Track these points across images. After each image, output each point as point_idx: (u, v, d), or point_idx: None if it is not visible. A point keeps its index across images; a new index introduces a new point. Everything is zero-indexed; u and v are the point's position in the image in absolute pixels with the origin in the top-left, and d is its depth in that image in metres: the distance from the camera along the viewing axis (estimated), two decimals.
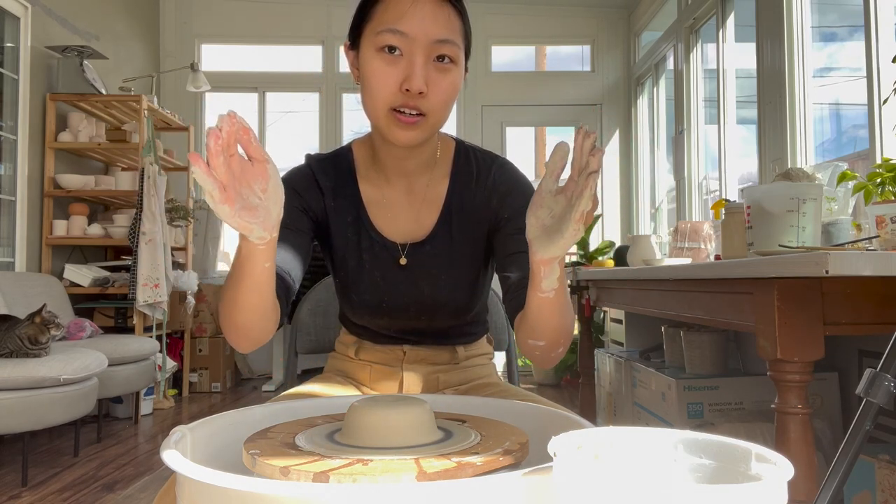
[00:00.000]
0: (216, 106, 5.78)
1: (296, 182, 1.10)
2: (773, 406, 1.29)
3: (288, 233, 1.04)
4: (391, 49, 0.93)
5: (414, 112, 0.95)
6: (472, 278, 1.12)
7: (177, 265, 4.55)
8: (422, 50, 0.93)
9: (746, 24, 3.72)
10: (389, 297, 1.10)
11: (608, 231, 5.61)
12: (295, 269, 1.03)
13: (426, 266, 1.09)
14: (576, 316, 0.98)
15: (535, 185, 1.10)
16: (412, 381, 1.16)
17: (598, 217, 4.67)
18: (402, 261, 1.09)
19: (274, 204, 0.72)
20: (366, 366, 1.19)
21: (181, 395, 4.58)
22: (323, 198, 1.10)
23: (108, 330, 4.06)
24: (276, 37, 5.62)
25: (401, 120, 0.95)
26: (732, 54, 3.95)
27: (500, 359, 1.55)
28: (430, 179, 1.10)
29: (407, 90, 0.93)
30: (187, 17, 5.51)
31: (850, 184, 1.73)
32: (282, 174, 1.13)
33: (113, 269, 4.19)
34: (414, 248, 1.09)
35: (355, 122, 5.66)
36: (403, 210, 1.10)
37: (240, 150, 0.67)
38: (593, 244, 4.59)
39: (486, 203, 1.09)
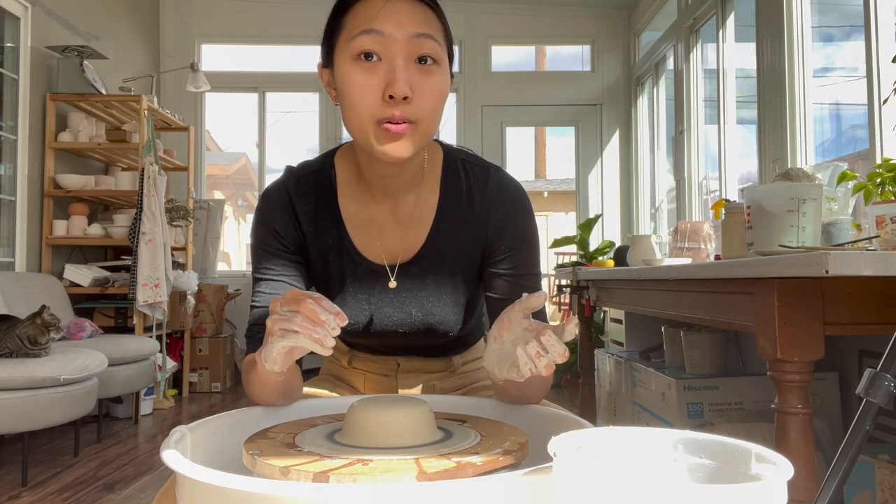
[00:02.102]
0: (216, 106, 5.78)
1: (273, 215, 1.02)
2: (773, 406, 1.29)
3: (286, 286, 1.01)
4: (368, 56, 0.87)
5: (401, 121, 0.87)
6: (465, 298, 1.06)
7: (177, 265, 4.55)
8: (401, 50, 0.86)
9: (746, 24, 3.72)
10: (377, 319, 1.05)
11: (608, 231, 5.61)
12: None
13: (414, 288, 1.04)
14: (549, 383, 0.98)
15: (529, 188, 1.09)
16: (407, 390, 1.15)
17: (598, 217, 4.67)
18: (392, 284, 1.03)
19: None
20: (360, 373, 1.18)
21: (181, 395, 4.58)
22: (300, 225, 1.03)
23: (108, 330, 4.06)
24: (276, 37, 5.62)
25: (389, 130, 0.87)
26: (732, 54, 3.95)
27: None
28: (417, 195, 1.02)
29: (391, 97, 0.85)
30: (187, 17, 5.51)
31: (850, 184, 1.73)
32: (266, 185, 1.09)
33: (113, 269, 4.19)
34: (401, 269, 1.03)
35: None
36: (388, 229, 1.03)
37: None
38: (593, 244, 4.59)
39: (481, 224, 1.02)
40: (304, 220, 1.03)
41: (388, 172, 0.97)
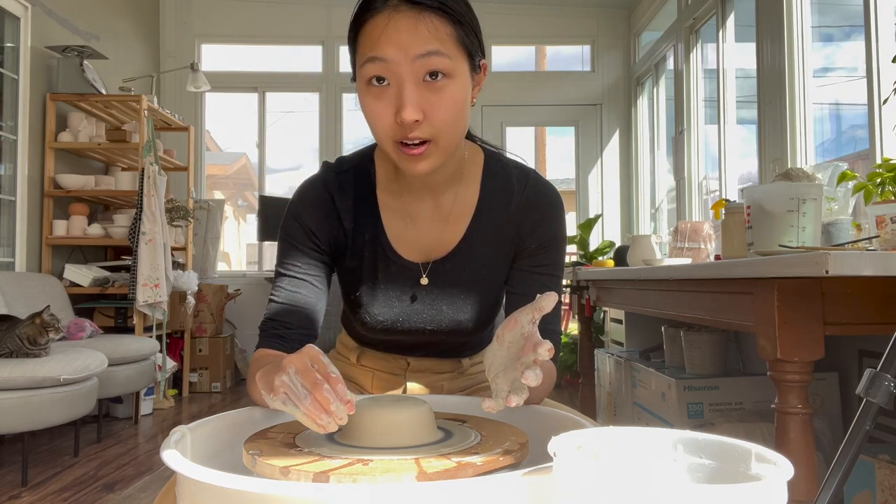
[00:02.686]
0: (216, 106, 5.78)
1: (308, 213, 1.02)
2: (773, 406, 1.29)
3: (306, 285, 1.01)
4: (379, 80, 0.87)
5: (417, 141, 0.87)
6: (495, 297, 1.07)
7: (177, 265, 4.55)
8: (407, 72, 0.85)
9: (746, 24, 3.72)
10: (407, 317, 1.05)
11: (608, 231, 5.61)
12: (317, 319, 1.02)
13: (447, 285, 1.04)
14: (554, 374, 0.95)
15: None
16: (415, 389, 1.15)
17: (598, 217, 4.67)
18: (423, 280, 1.03)
19: None
20: (368, 371, 1.18)
21: (181, 395, 4.58)
22: (341, 223, 1.03)
23: (108, 330, 4.06)
24: (276, 37, 5.62)
25: (406, 153, 0.88)
26: (732, 54, 3.95)
27: None
28: (456, 193, 1.03)
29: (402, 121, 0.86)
30: (187, 17, 5.51)
31: (850, 184, 1.73)
32: (298, 184, 1.08)
33: (113, 269, 4.19)
34: (435, 266, 1.04)
35: (356, 122, 5.66)
36: (426, 226, 1.04)
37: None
38: (593, 244, 4.59)
39: (517, 223, 1.03)
40: (345, 217, 1.03)
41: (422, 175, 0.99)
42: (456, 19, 0.88)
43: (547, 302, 0.73)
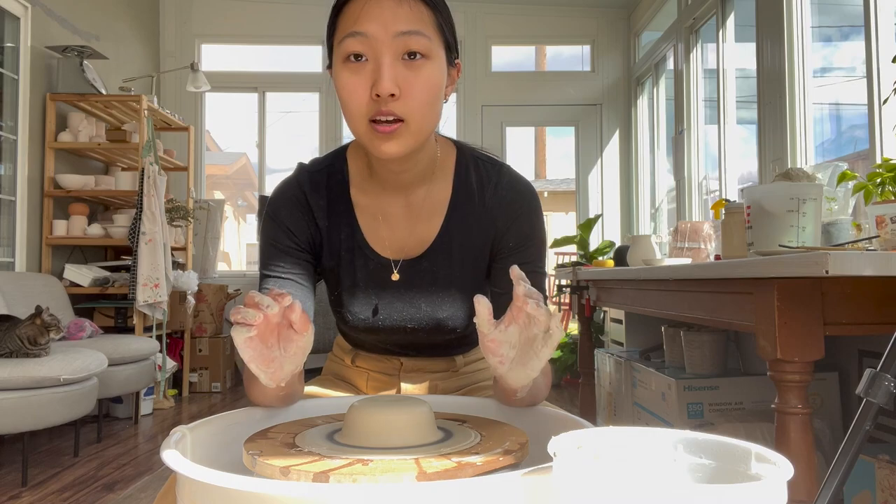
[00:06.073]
0: (216, 106, 5.78)
1: (285, 213, 1.03)
2: (773, 406, 1.29)
3: (292, 284, 1.01)
4: (357, 56, 0.87)
5: (390, 118, 0.87)
6: (474, 294, 1.07)
7: (177, 265, 4.55)
8: (386, 48, 0.86)
9: (746, 24, 3.72)
10: (386, 314, 1.06)
11: (608, 231, 5.61)
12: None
13: (423, 283, 1.04)
14: (550, 378, 0.97)
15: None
16: (410, 389, 1.15)
17: (598, 217, 4.67)
18: (395, 276, 1.04)
19: (290, 363, 0.75)
20: (363, 372, 1.18)
21: (181, 395, 4.58)
22: (316, 221, 1.04)
23: (108, 330, 4.06)
24: (276, 37, 5.62)
25: (379, 130, 0.88)
26: (732, 54, 3.95)
27: None
28: (428, 190, 1.03)
29: (378, 95, 0.86)
30: (187, 17, 5.51)
31: (850, 184, 1.73)
32: (277, 183, 1.08)
33: (113, 269, 4.19)
34: (409, 264, 1.04)
35: None
36: (400, 223, 1.04)
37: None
38: (593, 244, 4.59)
39: (492, 219, 1.03)
40: (319, 216, 1.04)
41: (394, 168, 0.98)
42: (437, 9, 0.91)
43: (520, 286, 0.74)
